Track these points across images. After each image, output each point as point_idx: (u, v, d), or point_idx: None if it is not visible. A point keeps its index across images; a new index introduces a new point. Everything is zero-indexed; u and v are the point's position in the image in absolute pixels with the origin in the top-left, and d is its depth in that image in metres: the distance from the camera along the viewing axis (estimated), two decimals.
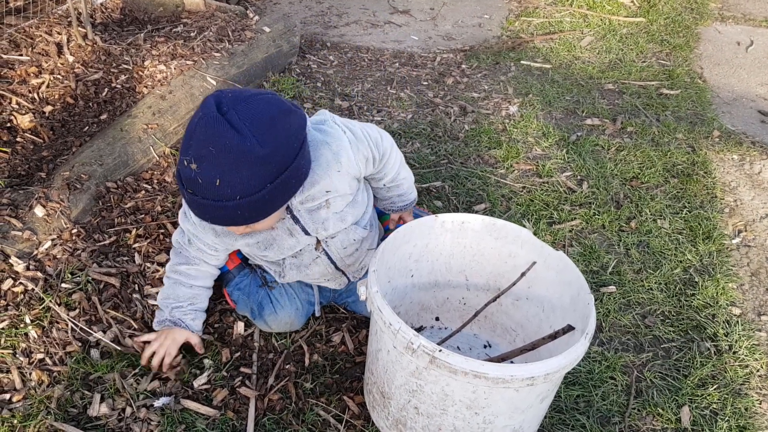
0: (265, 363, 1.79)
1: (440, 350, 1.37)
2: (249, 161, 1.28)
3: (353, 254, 1.78)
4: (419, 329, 1.96)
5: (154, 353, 1.71)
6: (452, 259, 1.84)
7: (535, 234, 2.35)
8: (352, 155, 1.58)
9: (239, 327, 1.87)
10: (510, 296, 1.82)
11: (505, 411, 1.47)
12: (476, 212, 2.46)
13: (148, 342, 1.74)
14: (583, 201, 2.58)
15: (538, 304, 1.78)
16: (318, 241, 1.69)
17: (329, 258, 1.74)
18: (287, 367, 1.78)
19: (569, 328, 1.59)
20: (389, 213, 1.99)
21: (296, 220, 1.61)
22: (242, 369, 1.76)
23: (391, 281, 1.76)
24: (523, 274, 1.73)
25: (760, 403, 1.88)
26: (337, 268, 1.78)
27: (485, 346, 1.94)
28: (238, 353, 1.81)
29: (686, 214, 2.56)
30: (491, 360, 1.68)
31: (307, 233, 1.65)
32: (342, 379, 1.79)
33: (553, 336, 1.61)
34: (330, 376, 1.79)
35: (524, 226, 2.39)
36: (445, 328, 1.98)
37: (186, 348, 1.77)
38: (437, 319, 1.97)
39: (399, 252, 1.72)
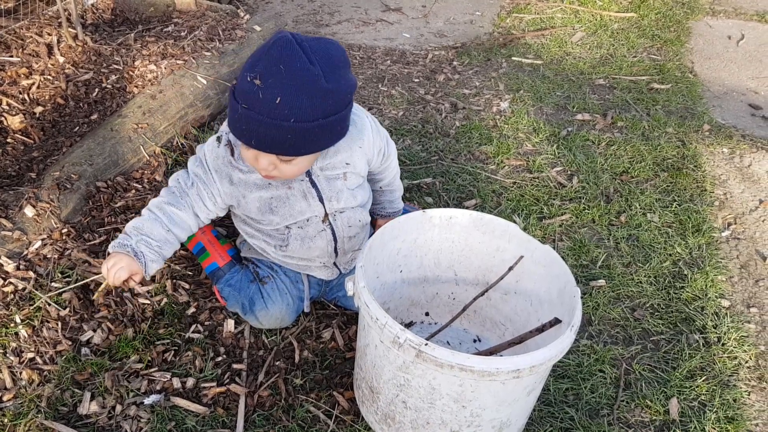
0: (255, 360, 1.80)
1: (426, 344, 1.38)
2: (313, 90, 1.37)
3: (353, 238, 1.81)
4: (409, 324, 1.97)
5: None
6: (441, 254, 1.85)
7: (524, 229, 2.36)
8: (372, 137, 1.71)
9: (229, 324, 1.88)
10: (498, 290, 1.82)
11: (492, 404, 1.48)
12: (467, 208, 2.46)
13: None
14: (573, 196, 2.59)
15: (526, 298, 1.79)
16: (326, 215, 1.72)
17: (333, 234, 1.76)
18: (277, 363, 1.79)
19: (556, 321, 1.61)
20: (376, 217, 2.01)
21: (313, 184, 1.67)
22: (233, 366, 1.77)
23: (379, 277, 1.77)
24: (510, 269, 1.74)
25: (749, 395, 1.89)
26: (335, 249, 1.80)
27: (475, 341, 1.95)
28: (229, 351, 1.82)
29: (676, 207, 2.57)
30: (479, 354, 1.69)
31: (321, 200, 1.69)
32: (332, 375, 1.80)
33: (540, 329, 1.62)
34: (320, 372, 1.80)
35: (514, 221, 2.41)
36: (435, 323, 1.99)
37: None
38: (427, 314, 1.98)
39: (387, 248, 1.73)
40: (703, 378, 1.91)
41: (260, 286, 1.84)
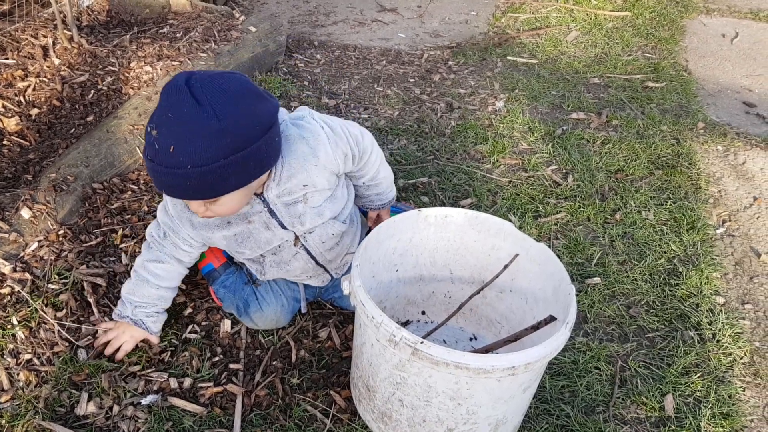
0: (252, 360, 1.81)
1: (422, 342, 1.39)
2: (204, 132, 1.30)
3: (333, 249, 1.80)
4: (405, 323, 1.98)
5: (108, 342, 1.76)
6: (436, 253, 1.85)
7: (520, 228, 2.37)
8: (330, 150, 1.60)
9: (226, 325, 1.88)
10: (494, 289, 1.83)
11: (488, 401, 1.49)
12: (462, 207, 2.47)
13: (105, 331, 1.78)
14: (569, 194, 2.60)
15: (521, 296, 1.79)
16: (296, 237, 1.71)
17: (309, 253, 1.76)
18: (274, 363, 1.80)
19: (551, 319, 1.61)
20: (367, 210, 2.01)
21: (272, 214, 1.63)
22: (230, 366, 1.77)
23: (375, 276, 1.78)
24: (505, 267, 1.75)
25: (744, 390, 1.91)
26: (317, 263, 1.80)
27: (471, 339, 1.96)
28: (225, 351, 1.83)
29: (670, 205, 2.59)
30: (475, 351, 1.70)
31: (284, 227, 1.67)
32: (329, 374, 1.80)
33: (536, 327, 1.63)
34: (317, 371, 1.80)
35: (510, 220, 2.41)
36: (431, 322, 1.99)
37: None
38: (423, 313, 1.99)
39: (383, 247, 1.74)
40: (698, 374, 1.92)
41: (254, 288, 1.85)
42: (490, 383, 1.43)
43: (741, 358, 2.00)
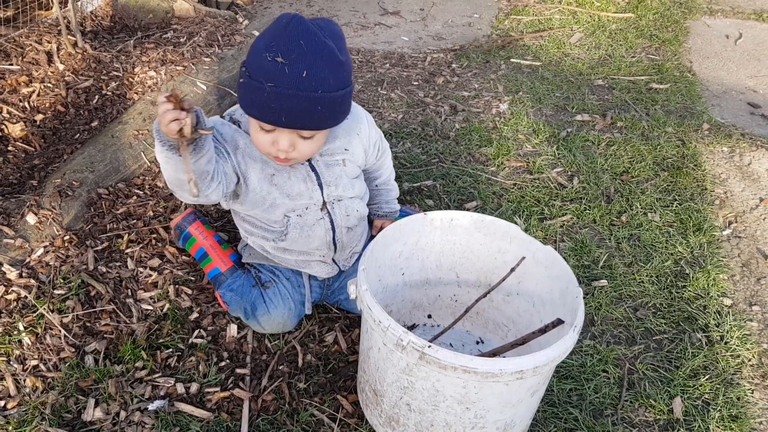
0: (259, 364, 1.80)
1: (429, 346, 1.38)
2: (332, 62, 1.45)
3: (351, 230, 1.84)
4: (412, 327, 1.97)
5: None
6: (442, 256, 1.85)
7: (526, 230, 2.36)
8: (368, 128, 1.79)
9: (232, 329, 1.88)
10: (500, 292, 1.83)
11: (496, 405, 1.48)
12: (467, 210, 2.47)
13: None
14: (574, 196, 2.60)
15: (528, 299, 1.79)
16: (324, 203, 1.75)
17: (332, 223, 1.78)
18: (281, 367, 1.79)
19: (558, 322, 1.61)
20: (373, 217, 2.02)
21: (313, 169, 1.71)
22: (236, 371, 1.77)
23: (381, 280, 1.77)
24: (512, 270, 1.75)
25: (753, 393, 1.90)
26: (334, 241, 1.81)
27: (478, 342, 1.95)
28: (232, 355, 1.82)
29: (677, 206, 2.58)
30: (482, 355, 1.69)
31: (320, 185, 1.72)
32: (335, 378, 1.80)
33: (543, 330, 1.62)
34: (323, 375, 1.80)
35: (515, 222, 2.41)
36: (438, 326, 1.99)
37: None
38: (429, 316, 1.98)
39: (389, 250, 1.73)
40: (707, 377, 1.91)
41: (262, 291, 1.85)
42: (498, 387, 1.42)
43: (749, 360, 1.99)
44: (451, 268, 1.88)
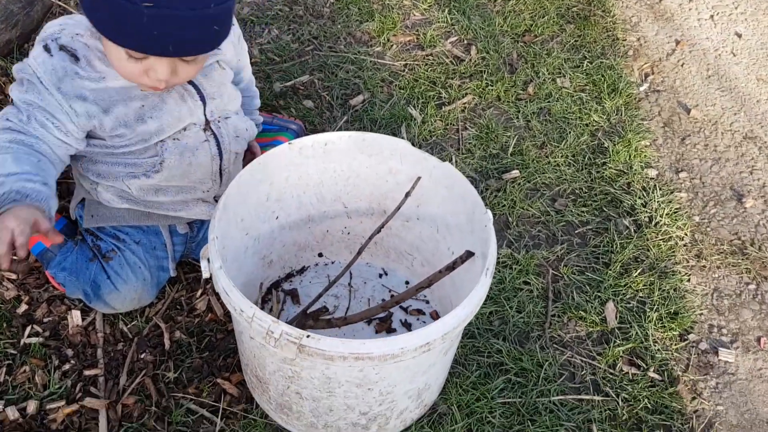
0: (114, 358, 1.45)
1: (308, 336, 1.07)
2: None
3: (239, 156, 1.50)
4: (302, 270, 1.65)
5: None
6: (322, 188, 1.49)
7: (423, 122, 2.02)
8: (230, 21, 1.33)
9: (75, 317, 1.50)
10: (398, 218, 1.50)
11: (404, 379, 1.22)
12: (354, 106, 2.08)
13: None
14: (474, 71, 2.23)
15: (430, 223, 1.48)
16: (207, 121, 1.39)
17: (218, 147, 1.42)
18: (142, 356, 1.45)
19: (468, 255, 1.31)
20: None
21: (190, 82, 1.36)
22: (85, 372, 1.41)
23: (249, 233, 1.41)
24: (407, 195, 1.42)
25: (689, 279, 1.70)
26: (221, 170, 1.45)
27: (381, 275, 1.65)
28: (78, 352, 1.46)
29: (587, 66, 2.26)
30: (384, 304, 1.40)
31: (202, 99, 1.37)
32: (213, 356, 1.48)
33: (451, 267, 1.32)
34: (198, 356, 1.47)
35: (410, 114, 2.05)
36: (332, 263, 1.67)
37: None
38: (320, 255, 1.66)
39: (251, 198, 1.36)
40: (639, 270, 1.69)
41: (104, 264, 1.46)
42: (402, 364, 1.14)
43: (682, 240, 1.79)
44: (335, 199, 1.53)
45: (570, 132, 2.04)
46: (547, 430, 1.40)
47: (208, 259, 1.20)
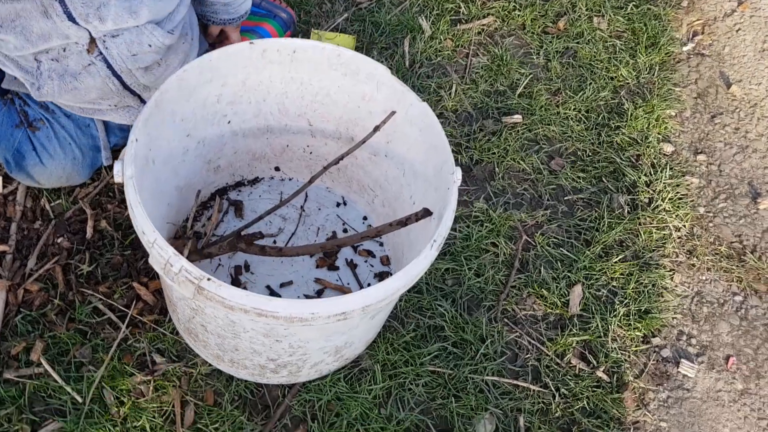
0: (29, 236, 1.33)
1: (208, 278, 0.93)
2: None
3: (152, 70, 1.25)
4: (255, 180, 1.50)
5: None
6: (286, 99, 1.31)
7: (431, 36, 1.80)
8: None
9: None
10: (366, 149, 1.34)
11: (318, 337, 1.09)
12: (359, 3, 1.85)
13: None
14: None
15: (398, 164, 1.31)
16: (92, 39, 1.15)
17: (110, 69, 1.20)
18: (59, 241, 1.33)
19: (425, 214, 1.16)
20: (208, 23, 1.41)
21: None
22: None
23: (190, 134, 1.25)
24: (376, 129, 1.24)
25: (672, 277, 1.55)
26: (125, 86, 1.25)
27: (339, 204, 1.50)
28: None
29: (631, 9, 1.99)
30: (325, 246, 1.26)
31: (72, 20, 1.10)
32: (137, 255, 1.35)
33: (404, 222, 1.18)
34: (119, 252, 1.35)
35: (420, 25, 1.82)
36: (289, 179, 1.52)
37: None
38: (277, 168, 1.50)
39: (197, 96, 1.19)
40: (620, 257, 1.53)
41: (30, 133, 1.31)
42: (314, 327, 1.01)
43: (678, 231, 1.61)
44: (300, 114, 1.35)
45: (591, 83, 1.82)
46: (469, 411, 1.29)
47: (121, 164, 1.04)
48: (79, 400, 1.20)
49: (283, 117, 1.35)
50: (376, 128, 1.24)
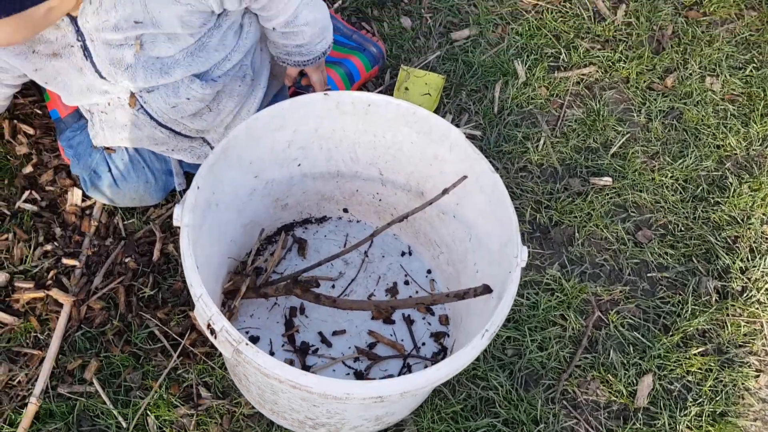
0: (99, 252, 1.37)
1: (246, 343, 0.92)
2: None
3: (200, 116, 1.26)
4: (323, 219, 1.48)
5: None
6: (359, 148, 1.28)
7: (526, 82, 1.72)
8: None
9: (76, 195, 1.41)
10: (436, 207, 1.28)
11: (356, 410, 1.06)
12: (455, 41, 1.79)
13: None
14: (611, 36, 1.86)
15: (465, 228, 1.26)
16: (132, 94, 1.18)
17: (155, 120, 1.23)
18: (126, 261, 1.36)
19: (484, 290, 1.10)
20: (283, 65, 1.39)
21: (87, 54, 1.10)
22: (64, 260, 1.34)
23: (259, 176, 1.24)
24: (445, 191, 1.19)
25: (757, 378, 1.41)
26: (177, 133, 1.27)
27: (404, 254, 1.46)
28: (66, 235, 1.38)
29: (751, 71, 1.83)
30: (379, 305, 1.23)
31: (104, 78, 1.14)
32: None
33: (461, 296, 1.12)
34: (181, 278, 1.36)
35: (514, 68, 1.75)
36: (357, 221, 1.49)
37: None
38: (346, 210, 1.47)
39: (266, 141, 1.18)
40: (700, 349, 1.41)
41: (107, 156, 1.34)
42: (349, 404, 0.98)
43: None
44: (371, 163, 1.31)
45: (693, 150, 1.68)
46: None
47: (180, 208, 1.04)
48: (124, 425, 1.22)
49: (354, 164, 1.32)
50: (445, 191, 1.19)
